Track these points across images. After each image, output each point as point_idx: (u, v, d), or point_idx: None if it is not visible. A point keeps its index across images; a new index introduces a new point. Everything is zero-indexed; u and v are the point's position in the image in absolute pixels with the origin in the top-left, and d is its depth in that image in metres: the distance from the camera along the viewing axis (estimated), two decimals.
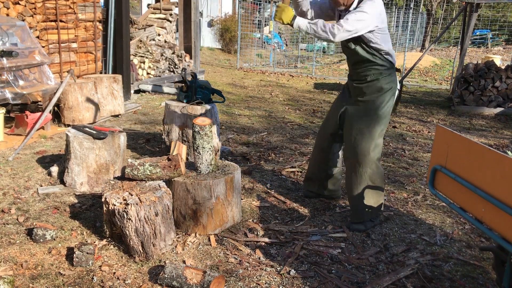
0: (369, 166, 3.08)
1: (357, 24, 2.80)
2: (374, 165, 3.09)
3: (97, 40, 6.88)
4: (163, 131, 4.43)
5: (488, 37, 22.13)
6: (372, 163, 3.08)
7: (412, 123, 6.89)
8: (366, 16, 2.81)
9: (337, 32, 2.78)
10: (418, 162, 4.82)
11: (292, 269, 2.60)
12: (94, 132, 3.68)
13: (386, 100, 3.05)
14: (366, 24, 2.82)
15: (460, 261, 2.79)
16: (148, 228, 2.62)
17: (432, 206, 3.66)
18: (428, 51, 11.32)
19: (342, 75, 12.16)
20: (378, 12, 2.86)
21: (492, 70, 7.80)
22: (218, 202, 2.94)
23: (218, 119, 4.38)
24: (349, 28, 2.78)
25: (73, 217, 3.15)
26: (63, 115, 5.43)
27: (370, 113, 3.06)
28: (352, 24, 2.79)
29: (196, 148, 3.01)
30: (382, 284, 2.48)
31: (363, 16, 2.80)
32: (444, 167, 2.09)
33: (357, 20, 2.79)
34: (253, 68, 13.26)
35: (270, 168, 4.39)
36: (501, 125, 7.02)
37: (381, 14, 2.90)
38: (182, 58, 9.40)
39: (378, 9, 2.86)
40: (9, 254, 2.63)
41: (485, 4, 16.66)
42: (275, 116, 6.91)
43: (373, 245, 2.94)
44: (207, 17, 18.16)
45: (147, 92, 8.03)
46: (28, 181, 3.74)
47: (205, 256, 2.73)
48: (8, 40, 4.72)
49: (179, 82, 4.34)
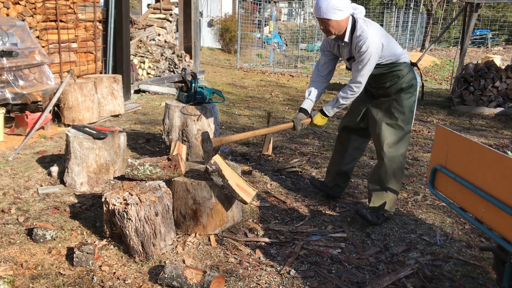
0: (394, 161, 3.12)
1: (366, 68, 2.92)
2: (398, 159, 3.13)
3: (97, 40, 6.88)
4: (163, 131, 4.43)
5: (488, 37, 22.13)
6: (396, 158, 3.12)
7: (412, 123, 6.88)
8: (370, 54, 2.87)
9: (357, 88, 3.01)
10: (418, 162, 4.82)
11: (292, 269, 2.60)
12: (94, 132, 3.68)
13: (408, 97, 3.11)
14: (374, 60, 2.91)
15: (460, 261, 2.79)
16: (148, 228, 2.62)
17: (432, 206, 3.66)
18: (428, 51, 11.33)
19: (342, 75, 12.16)
20: (378, 37, 2.89)
21: (492, 70, 7.80)
22: (218, 202, 2.94)
23: (218, 119, 4.38)
24: (363, 77, 2.96)
25: (73, 217, 3.15)
26: (63, 115, 5.43)
27: (395, 109, 3.11)
28: (362, 72, 2.94)
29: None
30: (382, 284, 2.48)
31: (367, 57, 2.87)
32: (444, 167, 2.09)
33: (365, 66, 2.91)
34: (253, 68, 13.26)
35: (270, 168, 4.39)
36: (501, 125, 7.02)
37: (379, 32, 2.92)
38: (182, 58, 9.40)
39: (376, 35, 2.88)
40: (9, 254, 2.63)
41: (485, 4, 16.65)
42: (275, 116, 6.91)
43: (373, 245, 2.94)
44: (207, 17, 18.16)
45: (147, 92, 8.03)
46: (28, 181, 3.74)
47: (205, 256, 2.73)
48: (8, 40, 4.72)
49: (179, 82, 4.34)
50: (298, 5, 22.53)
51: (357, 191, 3.88)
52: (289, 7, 23.92)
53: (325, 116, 3.20)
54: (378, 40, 2.88)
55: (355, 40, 2.90)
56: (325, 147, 5.25)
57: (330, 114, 3.17)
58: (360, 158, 3.62)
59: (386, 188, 3.18)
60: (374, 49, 2.86)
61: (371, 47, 2.84)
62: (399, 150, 3.13)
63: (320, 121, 3.22)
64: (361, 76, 2.95)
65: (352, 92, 3.03)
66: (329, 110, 3.16)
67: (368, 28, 2.87)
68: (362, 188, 3.95)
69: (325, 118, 3.21)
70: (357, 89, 3.01)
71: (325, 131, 6.02)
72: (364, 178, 4.21)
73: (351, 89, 3.02)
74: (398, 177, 3.18)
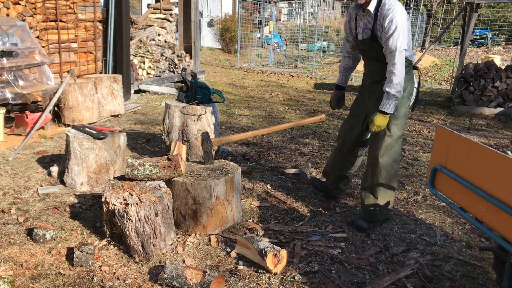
0: (385, 168, 3.06)
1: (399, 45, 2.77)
2: (390, 166, 3.06)
3: (97, 40, 6.88)
4: (163, 131, 4.43)
5: (488, 37, 22.14)
6: (389, 165, 3.06)
7: (412, 123, 6.89)
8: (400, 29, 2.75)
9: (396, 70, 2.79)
10: (418, 162, 4.82)
11: (292, 269, 2.60)
12: (94, 132, 3.68)
13: (404, 101, 3.01)
14: (404, 36, 2.77)
15: (460, 261, 2.79)
16: (148, 228, 2.62)
17: (432, 206, 3.65)
18: (428, 51, 11.32)
19: None
20: (406, 15, 2.79)
21: (492, 70, 7.79)
22: (218, 202, 2.94)
23: (218, 119, 4.38)
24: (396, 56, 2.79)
25: (73, 217, 3.15)
26: (63, 115, 5.43)
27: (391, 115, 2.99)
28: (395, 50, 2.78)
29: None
30: (382, 284, 2.48)
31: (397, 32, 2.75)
32: (444, 167, 2.09)
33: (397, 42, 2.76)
34: (253, 68, 13.26)
35: (270, 168, 4.39)
36: (501, 125, 7.02)
37: (405, 14, 2.82)
38: (182, 58, 9.40)
39: (404, 13, 2.78)
40: (9, 254, 2.63)
41: (485, 4, 16.65)
42: (275, 116, 6.91)
43: (373, 245, 2.94)
44: (207, 17, 18.16)
45: (147, 92, 8.03)
46: (28, 181, 3.74)
47: (205, 256, 2.73)
48: (8, 40, 4.72)
49: (179, 82, 4.34)
50: (298, 5, 22.53)
51: (357, 191, 3.88)
52: (289, 7, 23.92)
53: (386, 114, 2.93)
54: (406, 17, 2.79)
55: (383, 14, 2.79)
56: (325, 147, 5.25)
57: (390, 110, 2.91)
58: (360, 163, 3.53)
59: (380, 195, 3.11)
60: (403, 24, 2.74)
61: (400, 22, 2.74)
62: (392, 156, 3.06)
63: (383, 121, 2.95)
64: (395, 58, 2.78)
65: (393, 76, 2.81)
66: (387, 106, 2.90)
67: (396, 3, 2.79)
68: None
69: (387, 116, 2.94)
70: (396, 71, 2.80)
71: (325, 131, 6.02)
72: None
73: (391, 74, 2.82)
74: (392, 181, 3.12)
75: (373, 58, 3.04)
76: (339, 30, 20.69)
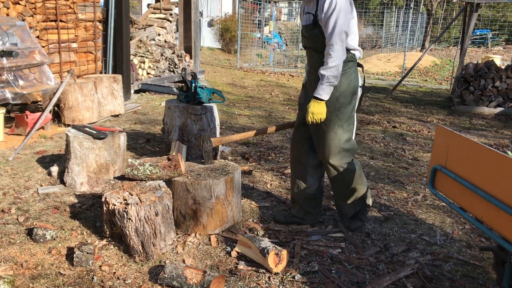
0: (340, 171, 2.92)
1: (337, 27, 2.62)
2: (343, 169, 2.92)
3: (97, 40, 6.88)
4: (163, 131, 4.43)
5: (488, 37, 22.14)
6: (339, 166, 2.91)
7: (412, 123, 6.89)
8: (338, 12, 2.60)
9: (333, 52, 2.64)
10: (418, 162, 4.82)
11: (292, 269, 2.60)
12: (94, 132, 3.68)
13: (345, 101, 2.83)
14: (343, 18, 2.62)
15: (460, 261, 2.79)
16: (148, 228, 2.62)
17: (432, 206, 3.65)
18: (428, 51, 11.33)
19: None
20: (347, 2, 2.66)
21: (492, 70, 7.80)
22: (218, 202, 2.94)
23: (218, 119, 4.39)
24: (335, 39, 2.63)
25: (73, 217, 3.15)
26: (63, 115, 5.43)
27: (331, 115, 2.82)
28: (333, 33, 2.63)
29: None
30: (382, 284, 2.48)
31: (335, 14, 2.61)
32: (444, 167, 2.09)
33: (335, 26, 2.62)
34: (253, 68, 13.26)
35: (270, 168, 4.39)
36: (501, 125, 7.02)
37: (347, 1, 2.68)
38: (182, 58, 9.41)
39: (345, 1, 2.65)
40: (9, 254, 2.63)
41: (485, 4, 16.65)
42: (275, 116, 6.91)
43: (373, 245, 2.94)
44: (207, 17, 18.16)
45: (147, 92, 8.04)
46: (28, 181, 3.74)
47: (205, 256, 2.73)
48: (8, 40, 4.72)
49: (179, 82, 4.34)
50: (298, 5, 22.53)
51: None
52: (289, 7, 23.92)
53: (321, 101, 2.74)
54: (348, 3, 2.67)
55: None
56: None
57: (324, 96, 2.72)
58: (324, 176, 3.21)
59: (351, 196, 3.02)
60: (344, 7, 2.62)
61: (339, 4, 2.61)
62: (344, 158, 2.90)
63: (317, 108, 2.75)
64: (332, 38, 2.63)
65: (330, 58, 2.65)
66: (320, 92, 2.71)
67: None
68: None
69: (321, 102, 2.74)
70: (334, 53, 2.64)
71: None
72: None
73: (327, 56, 2.67)
74: (357, 181, 2.97)
75: (313, 49, 2.85)
76: None
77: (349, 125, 2.90)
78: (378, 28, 21.06)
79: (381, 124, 6.63)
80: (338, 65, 2.67)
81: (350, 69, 2.82)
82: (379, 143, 5.53)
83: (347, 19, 2.67)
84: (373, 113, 7.49)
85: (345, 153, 2.92)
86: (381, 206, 3.57)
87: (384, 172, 4.41)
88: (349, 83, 2.83)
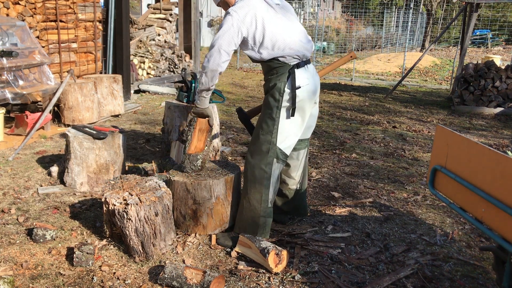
0: (249, 170, 2.82)
1: (221, 32, 2.57)
2: (252, 170, 2.80)
3: (97, 40, 6.89)
4: (163, 131, 4.43)
5: (488, 37, 22.15)
6: (251, 167, 2.80)
7: (412, 123, 6.89)
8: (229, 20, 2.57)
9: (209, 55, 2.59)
10: (418, 162, 4.82)
11: (292, 269, 2.60)
12: (94, 132, 3.68)
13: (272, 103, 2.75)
14: (230, 26, 2.56)
15: (460, 261, 2.79)
16: (148, 228, 2.62)
17: (432, 206, 3.66)
18: (428, 51, 11.33)
19: (342, 75, 12.16)
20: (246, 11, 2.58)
21: (492, 70, 7.80)
22: (218, 202, 2.94)
23: (218, 119, 4.38)
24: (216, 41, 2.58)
25: (73, 217, 3.15)
26: (63, 115, 5.43)
27: (262, 115, 2.86)
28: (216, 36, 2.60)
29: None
30: (382, 284, 2.48)
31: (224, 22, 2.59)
32: (444, 167, 2.09)
33: (220, 29, 2.59)
34: (253, 68, 13.27)
35: None
36: (501, 125, 7.02)
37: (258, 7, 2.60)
38: (182, 58, 9.41)
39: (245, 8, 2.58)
40: (9, 254, 2.63)
41: (485, 4, 16.66)
42: None
43: (373, 245, 2.94)
44: (207, 17, 18.17)
45: (147, 92, 8.04)
46: (28, 181, 3.74)
47: (205, 256, 2.73)
48: (8, 40, 4.72)
49: (179, 82, 4.34)
50: (298, 5, 22.53)
51: (357, 191, 3.88)
52: None
53: (199, 107, 2.79)
54: (245, 13, 2.57)
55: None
56: (325, 147, 5.25)
57: (199, 104, 2.78)
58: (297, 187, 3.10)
59: (244, 198, 2.85)
60: (234, 26, 2.55)
61: (231, 22, 2.56)
62: (255, 159, 2.78)
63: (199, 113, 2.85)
64: (210, 49, 2.60)
65: (206, 61, 2.61)
66: (197, 100, 2.79)
67: (248, 3, 2.61)
68: (362, 188, 3.95)
69: (202, 109, 2.80)
70: (210, 56, 2.58)
71: (325, 131, 6.02)
72: (364, 178, 4.21)
73: (206, 57, 2.62)
74: (256, 187, 2.78)
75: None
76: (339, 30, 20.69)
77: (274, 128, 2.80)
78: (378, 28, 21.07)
79: (381, 124, 6.63)
80: (206, 80, 2.67)
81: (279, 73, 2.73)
82: (379, 143, 5.53)
83: (231, 40, 2.58)
84: (373, 113, 7.49)
85: (262, 155, 2.81)
86: (381, 206, 3.57)
87: (384, 172, 4.41)
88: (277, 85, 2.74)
